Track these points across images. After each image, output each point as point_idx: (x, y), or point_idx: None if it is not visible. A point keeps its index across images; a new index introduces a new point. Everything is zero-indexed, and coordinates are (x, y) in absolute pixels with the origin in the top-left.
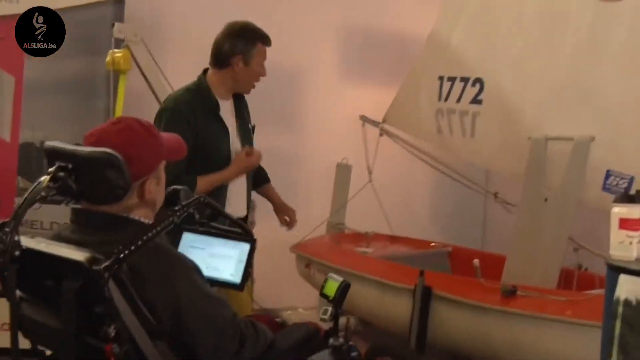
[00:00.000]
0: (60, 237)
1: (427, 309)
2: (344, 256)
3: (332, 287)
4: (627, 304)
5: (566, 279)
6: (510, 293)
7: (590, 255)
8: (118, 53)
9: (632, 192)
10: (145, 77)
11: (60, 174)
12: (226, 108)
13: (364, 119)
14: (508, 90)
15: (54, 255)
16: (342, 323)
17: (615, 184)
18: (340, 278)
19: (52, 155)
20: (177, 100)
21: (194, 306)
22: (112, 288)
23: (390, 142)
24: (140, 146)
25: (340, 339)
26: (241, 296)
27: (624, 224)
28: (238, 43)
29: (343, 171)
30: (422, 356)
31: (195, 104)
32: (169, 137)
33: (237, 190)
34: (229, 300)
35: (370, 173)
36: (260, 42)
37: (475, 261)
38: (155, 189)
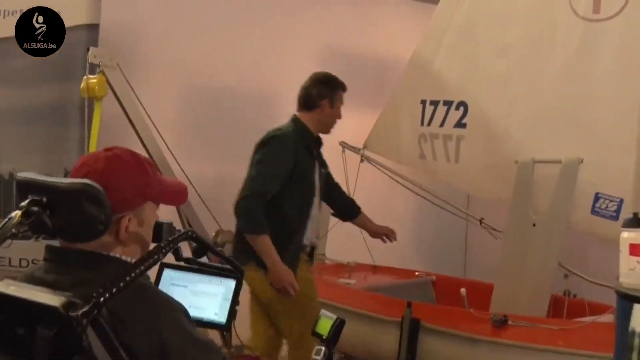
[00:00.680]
0: (32, 278)
1: (415, 342)
2: (327, 288)
3: (325, 326)
4: None
5: (555, 307)
6: (501, 323)
7: (577, 280)
8: (93, 79)
9: (622, 215)
10: (120, 103)
11: (34, 209)
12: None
13: (344, 145)
14: (493, 113)
15: (25, 299)
16: None
17: (605, 206)
18: (333, 315)
19: (25, 187)
20: (282, 132)
21: (183, 354)
22: (91, 336)
23: (371, 168)
24: (123, 178)
25: None
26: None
27: (634, 249)
28: (324, 89)
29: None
30: None
31: (296, 138)
32: (170, 181)
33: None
34: (306, 311)
35: None
36: (341, 89)
37: (462, 290)
38: (136, 231)
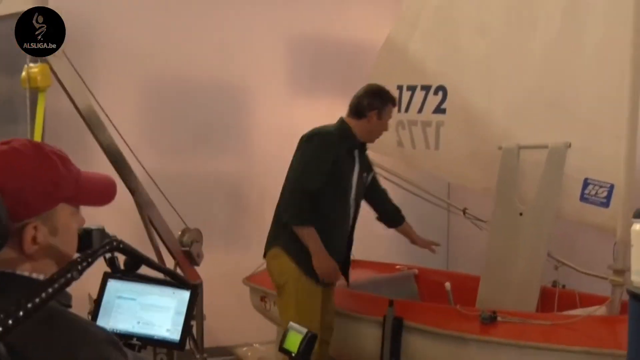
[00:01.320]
0: None
1: (398, 342)
2: None
3: (294, 341)
4: None
5: (544, 299)
6: (490, 320)
7: (564, 269)
8: (34, 68)
9: (613, 201)
10: (68, 94)
11: None
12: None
13: None
14: (474, 97)
15: None
16: None
17: (594, 193)
18: (303, 329)
19: None
20: (326, 130)
21: None
22: None
23: None
24: (22, 177)
25: None
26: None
27: None
28: (375, 101)
29: None
30: None
31: (339, 138)
32: (91, 176)
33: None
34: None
35: None
36: (391, 104)
37: (447, 284)
38: (47, 241)
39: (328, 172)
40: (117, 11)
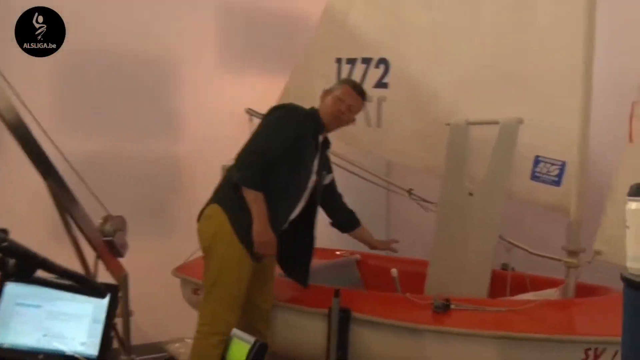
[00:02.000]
0: None
1: (346, 335)
2: None
3: (239, 352)
4: None
5: (494, 283)
6: (444, 308)
7: (516, 251)
8: None
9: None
10: None
11: None
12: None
13: (251, 113)
14: (418, 70)
15: None
16: None
17: (546, 171)
18: (250, 338)
19: None
20: (296, 105)
21: None
22: None
23: None
24: None
25: None
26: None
27: None
28: (335, 85)
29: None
30: None
31: (306, 116)
32: None
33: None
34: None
35: None
36: (347, 84)
37: (394, 271)
38: None
39: (290, 142)
40: None
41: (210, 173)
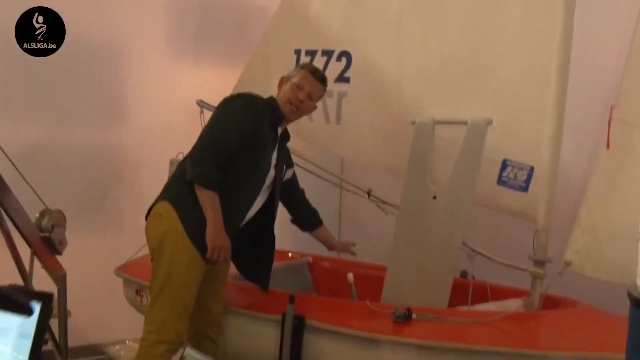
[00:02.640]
0: None
1: (299, 344)
2: None
3: None
4: None
5: (454, 291)
6: (405, 318)
7: (478, 259)
8: None
9: (533, 185)
10: None
11: None
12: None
13: (202, 105)
14: (382, 65)
15: None
16: None
17: (513, 175)
18: (206, 358)
19: None
20: (253, 94)
21: None
22: None
23: None
24: None
25: None
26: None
27: None
28: (293, 71)
29: None
30: None
31: (265, 105)
32: None
33: None
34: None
35: None
36: (307, 71)
37: (349, 275)
38: None
39: (247, 134)
40: None
41: (157, 165)
